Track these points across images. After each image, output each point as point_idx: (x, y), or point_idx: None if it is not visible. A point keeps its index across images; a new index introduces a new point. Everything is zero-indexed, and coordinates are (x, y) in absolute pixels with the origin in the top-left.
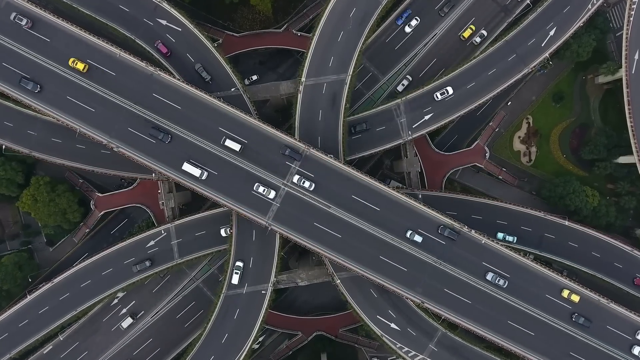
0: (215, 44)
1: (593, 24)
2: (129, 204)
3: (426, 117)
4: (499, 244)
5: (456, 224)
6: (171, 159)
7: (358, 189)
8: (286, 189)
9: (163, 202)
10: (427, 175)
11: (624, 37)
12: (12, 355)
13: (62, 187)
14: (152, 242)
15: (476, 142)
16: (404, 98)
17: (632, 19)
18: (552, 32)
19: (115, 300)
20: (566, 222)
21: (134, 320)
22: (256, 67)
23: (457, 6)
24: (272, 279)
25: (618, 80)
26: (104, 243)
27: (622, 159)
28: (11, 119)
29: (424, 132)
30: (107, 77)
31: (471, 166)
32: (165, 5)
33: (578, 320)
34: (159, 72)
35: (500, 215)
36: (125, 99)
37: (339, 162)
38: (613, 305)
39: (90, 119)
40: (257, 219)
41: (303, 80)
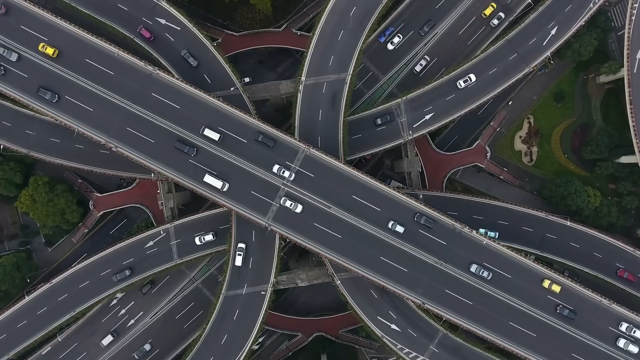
0: (214, 43)
1: (594, 23)
2: (128, 204)
3: (427, 117)
4: (501, 245)
5: (457, 224)
6: (167, 157)
7: (358, 189)
8: (286, 189)
9: (162, 202)
10: (428, 175)
11: (626, 36)
12: (10, 357)
13: (61, 187)
14: (151, 243)
15: (477, 142)
16: (404, 97)
17: (633, 18)
18: (553, 31)
19: (114, 301)
20: (568, 223)
21: (113, 338)
22: (255, 67)
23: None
24: (272, 279)
25: (620, 79)
26: (102, 243)
27: (624, 159)
28: (9, 119)
29: (424, 131)
30: (106, 76)
31: (472, 166)
32: (164, 4)
33: (563, 312)
34: (158, 71)
35: (502, 215)
36: (124, 99)
37: (339, 161)
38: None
39: (88, 119)
40: (256, 219)
41: (303, 79)
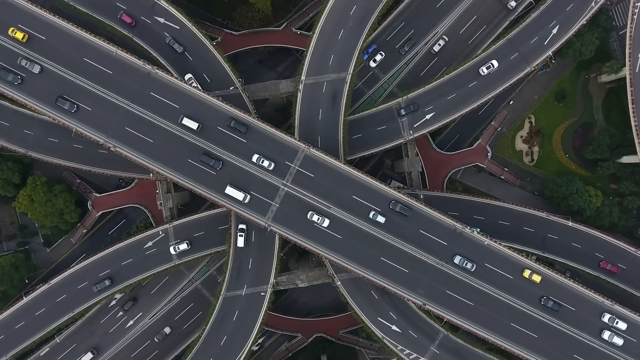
0: (214, 43)
1: (596, 22)
2: (127, 204)
3: (427, 117)
4: (502, 245)
5: (458, 225)
6: (166, 157)
7: (359, 189)
8: (285, 189)
9: (161, 203)
10: (429, 175)
11: (628, 35)
12: (8, 358)
13: (59, 187)
14: (150, 243)
15: (478, 142)
16: (404, 97)
17: (635, 17)
18: (554, 31)
19: (113, 302)
20: (570, 223)
21: (93, 356)
22: (254, 66)
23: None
24: (272, 280)
25: (621, 79)
26: (101, 244)
27: (626, 159)
28: (7, 119)
29: (425, 131)
30: (104, 75)
31: (473, 166)
32: (163, 3)
33: (547, 304)
34: (157, 70)
35: (503, 215)
36: (122, 98)
37: (339, 161)
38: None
39: (87, 118)
40: (256, 219)
41: (303, 78)
